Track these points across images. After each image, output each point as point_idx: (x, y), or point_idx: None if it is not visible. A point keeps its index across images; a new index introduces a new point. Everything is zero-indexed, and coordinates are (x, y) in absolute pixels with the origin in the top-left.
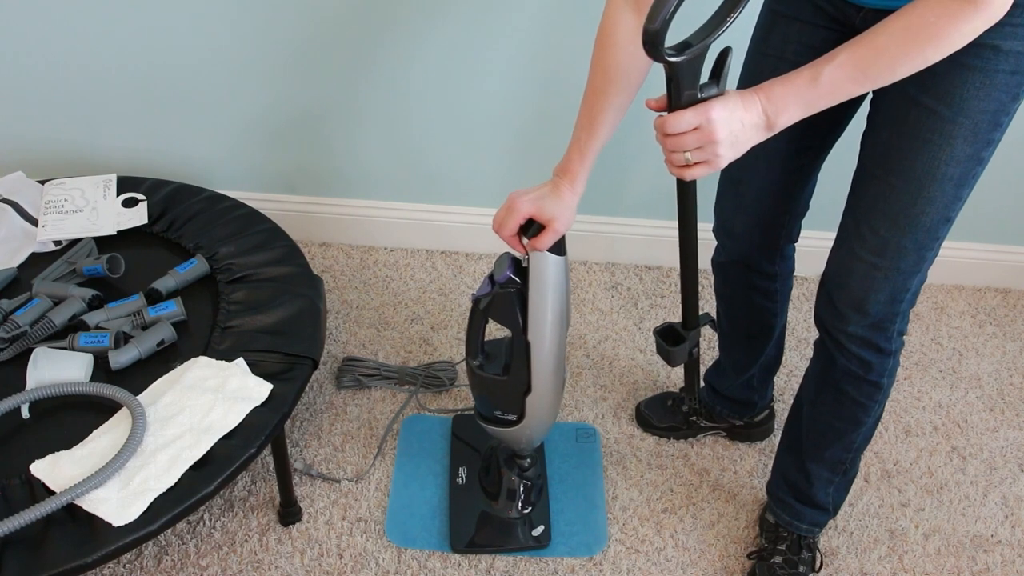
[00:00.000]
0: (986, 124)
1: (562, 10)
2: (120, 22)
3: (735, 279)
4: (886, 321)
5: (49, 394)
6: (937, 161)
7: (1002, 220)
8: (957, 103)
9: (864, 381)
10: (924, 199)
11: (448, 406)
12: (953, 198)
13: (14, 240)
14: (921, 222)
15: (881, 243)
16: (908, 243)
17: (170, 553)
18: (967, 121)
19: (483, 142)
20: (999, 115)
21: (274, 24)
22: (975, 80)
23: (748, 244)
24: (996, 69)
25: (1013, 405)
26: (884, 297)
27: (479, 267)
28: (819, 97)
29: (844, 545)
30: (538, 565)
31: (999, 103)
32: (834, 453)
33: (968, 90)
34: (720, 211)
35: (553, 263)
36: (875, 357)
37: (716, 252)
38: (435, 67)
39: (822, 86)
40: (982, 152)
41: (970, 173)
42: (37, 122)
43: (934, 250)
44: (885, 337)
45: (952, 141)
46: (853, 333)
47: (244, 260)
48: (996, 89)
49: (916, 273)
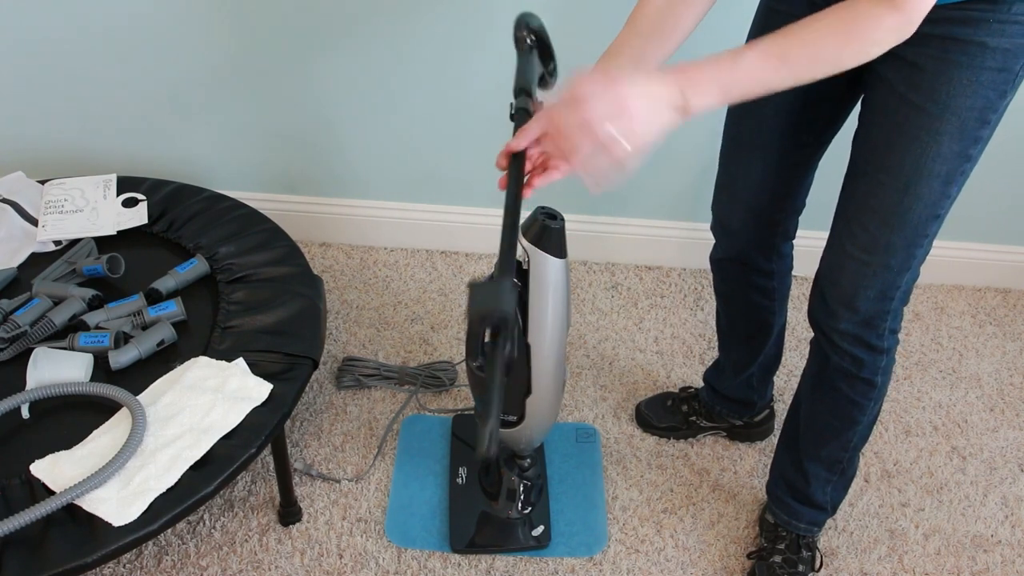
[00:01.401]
0: (973, 121)
1: (562, 10)
2: (120, 22)
3: (733, 277)
4: (876, 318)
5: (49, 394)
6: (925, 158)
7: (1002, 220)
8: (944, 100)
9: (857, 379)
10: (912, 196)
11: (448, 406)
12: (941, 195)
13: (14, 240)
14: (909, 219)
15: (870, 240)
16: (897, 240)
17: (170, 553)
18: (954, 118)
19: (483, 142)
20: (986, 112)
21: (274, 24)
22: (962, 77)
23: (744, 241)
24: (983, 66)
25: (1013, 405)
26: (874, 294)
27: (479, 267)
28: (736, 82)
29: (844, 545)
30: (538, 565)
31: (986, 100)
32: (831, 452)
33: (955, 87)
34: (716, 208)
35: (553, 265)
36: (867, 354)
37: (714, 249)
38: (435, 66)
39: (740, 70)
40: (970, 149)
41: (958, 170)
42: (37, 122)
43: (923, 247)
44: (876, 334)
45: (939, 138)
46: (844, 330)
47: (244, 260)
48: (983, 87)
49: (906, 270)
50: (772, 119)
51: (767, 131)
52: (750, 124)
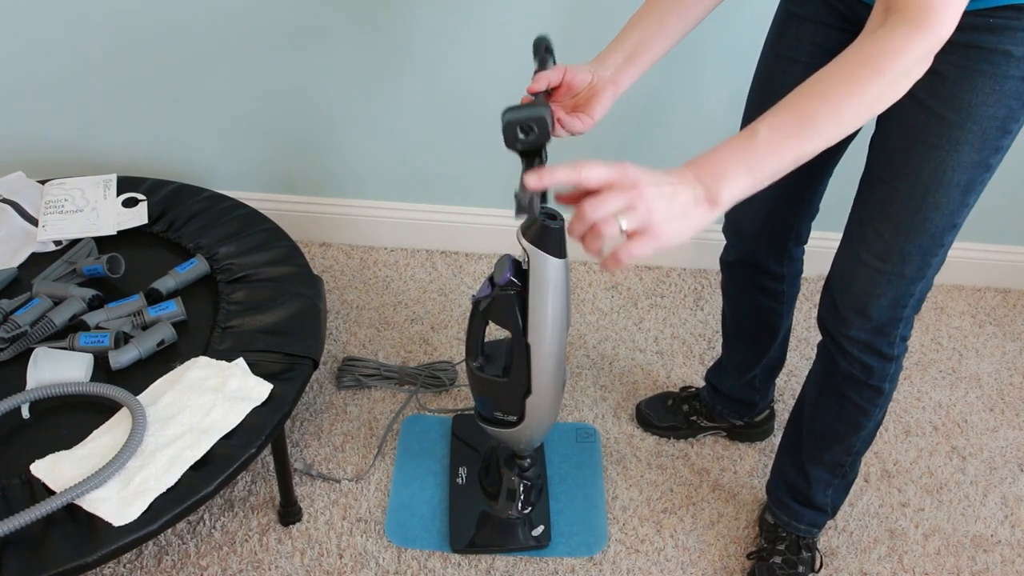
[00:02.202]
0: (995, 130)
1: (562, 10)
2: (120, 21)
3: (742, 279)
4: (888, 326)
5: (49, 394)
6: (944, 167)
7: (1002, 220)
8: (966, 108)
9: (866, 385)
10: (929, 204)
11: (448, 406)
12: (959, 204)
13: (14, 240)
14: (926, 228)
15: (885, 247)
16: (912, 248)
17: (170, 553)
18: (975, 127)
19: (483, 142)
20: (1008, 122)
21: (274, 24)
22: (985, 86)
23: (756, 244)
24: (1007, 75)
25: (1013, 405)
26: (887, 302)
27: (479, 267)
28: (761, 159)
29: (844, 545)
30: (538, 565)
31: (1009, 109)
32: (833, 456)
33: (977, 95)
34: (730, 211)
35: (553, 265)
36: (877, 362)
37: (724, 251)
38: (435, 66)
39: (760, 144)
40: (990, 159)
41: (977, 180)
42: (37, 122)
43: (939, 256)
44: (888, 342)
45: (959, 147)
46: (855, 337)
47: (244, 260)
48: (1006, 95)
49: (920, 279)
50: None
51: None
52: None
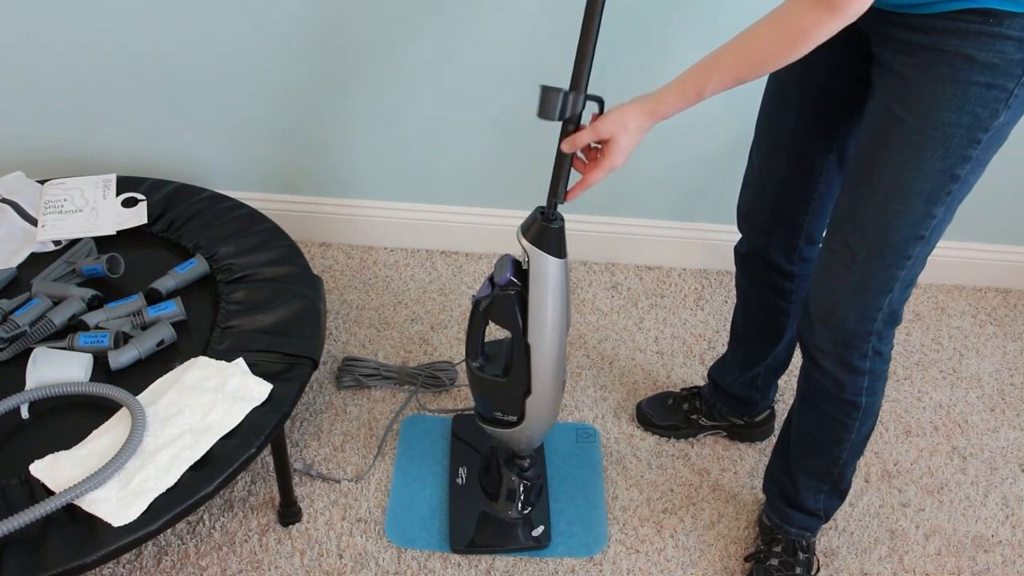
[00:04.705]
0: (959, 139)
1: (562, 10)
2: (120, 21)
3: (753, 272)
4: (857, 339)
5: (49, 394)
6: (904, 173)
7: (1002, 220)
8: (926, 113)
9: (840, 400)
10: (891, 212)
11: (448, 406)
12: (923, 215)
13: (14, 240)
14: (889, 237)
15: (850, 256)
16: (876, 259)
17: (170, 553)
18: (936, 133)
19: (483, 142)
20: (975, 130)
21: (274, 24)
22: (947, 90)
23: (767, 237)
24: (969, 80)
25: (1013, 405)
26: (853, 314)
27: (479, 267)
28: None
29: (844, 545)
30: (538, 565)
31: (974, 117)
32: (818, 465)
33: (938, 100)
34: (742, 201)
35: (553, 265)
36: (847, 376)
37: (739, 242)
38: (435, 67)
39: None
40: (956, 169)
41: (943, 190)
42: (37, 122)
43: (905, 269)
44: (859, 355)
45: (919, 153)
46: (823, 348)
47: (244, 260)
48: (970, 102)
49: (887, 292)
50: (794, 119)
51: (789, 130)
52: (775, 121)
